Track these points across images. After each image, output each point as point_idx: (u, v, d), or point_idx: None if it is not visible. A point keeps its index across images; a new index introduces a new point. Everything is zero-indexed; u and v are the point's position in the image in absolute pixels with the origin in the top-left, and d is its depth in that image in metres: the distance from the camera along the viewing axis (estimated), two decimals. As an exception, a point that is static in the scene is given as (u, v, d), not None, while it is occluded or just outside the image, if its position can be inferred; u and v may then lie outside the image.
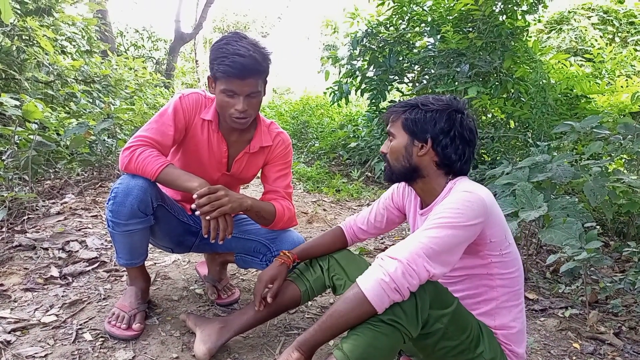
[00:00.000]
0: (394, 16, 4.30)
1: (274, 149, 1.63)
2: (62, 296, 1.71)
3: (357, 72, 4.56)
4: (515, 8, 3.71)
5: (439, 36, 3.89)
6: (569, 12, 6.98)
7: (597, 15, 6.81)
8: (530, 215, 1.92)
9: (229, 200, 1.35)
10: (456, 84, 3.67)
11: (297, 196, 3.99)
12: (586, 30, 6.57)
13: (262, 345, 1.54)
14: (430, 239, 1.06)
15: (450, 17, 3.95)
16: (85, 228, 2.42)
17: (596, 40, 6.28)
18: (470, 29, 3.86)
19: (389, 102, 4.64)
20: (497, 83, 3.89)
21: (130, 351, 1.41)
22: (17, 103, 2.75)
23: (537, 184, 2.20)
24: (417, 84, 4.51)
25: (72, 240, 2.19)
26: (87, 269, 1.95)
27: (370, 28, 4.39)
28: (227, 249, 1.72)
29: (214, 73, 1.40)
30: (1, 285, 1.74)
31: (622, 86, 3.77)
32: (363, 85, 4.57)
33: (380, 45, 4.35)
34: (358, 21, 4.51)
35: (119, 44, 10.84)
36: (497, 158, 3.72)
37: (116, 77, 5.07)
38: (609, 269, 2.53)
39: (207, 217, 1.32)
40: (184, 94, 1.51)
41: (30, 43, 3.95)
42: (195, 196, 1.32)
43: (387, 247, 2.71)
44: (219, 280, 1.83)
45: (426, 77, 4.39)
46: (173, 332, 1.55)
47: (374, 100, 4.57)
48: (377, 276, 1.02)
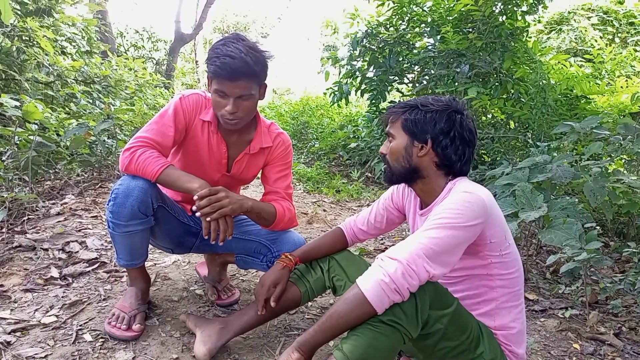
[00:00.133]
0: (393, 17, 4.30)
1: (274, 150, 1.63)
2: (62, 297, 1.71)
3: (357, 73, 4.56)
4: (515, 9, 3.70)
5: (438, 37, 3.89)
6: (569, 12, 6.99)
7: (597, 15, 6.82)
8: (530, 215, 1.92)
9: (229, 201, 1.35)
10: (456, 84, 3.67)
11: (297, 197, 3.99)
12: (586, 30, 6.58)
13: (262, 346, 1.54)
14: (430, 240, 1.06)
15: (450, 18, 3.95)
16: (85, 229, 2.42)
17: (596, 41, 6.28)
18: (470, 30, 3.86)
19: (388, 102, 4.64)
20: (497, 83, 3.90)
21: (130, 352, 1.41)
22: (17, 104, 2.75)
23: (537, 185, 2.20)
24: (417, 85, 4.51)
25: (72, 241, 2.19)
26: (87, 269, 1.95)
27: (370, 28, 4.39)
28: (228, 249, 1.72)
29: (207, 72, 1.41)
30: (1, 286, 1.74)
31: (622, 87, 3.77)
32: (363, 86, 4.57)
33: (380, 45, 4.35)
34: (358, 22, 4.51)
35: (119, 45, 10.85)
36: (497, 158, 3.72)
37: (116, 77, 5.07)
38: (609, 270, 2.53)
39: (208, 218, 1.32)
40: (184, 95, 1.51)
41: (31, 44, 3.95)
42: (195, 197, 1.32)
43: (387, 248, 2.70)
44: (219, 281, 1.83)
45: (426, 77, 4.39)
46: (173, 332, 1.55)
47: (374, 101, 4.57)
48: (377, 277, 1.02)
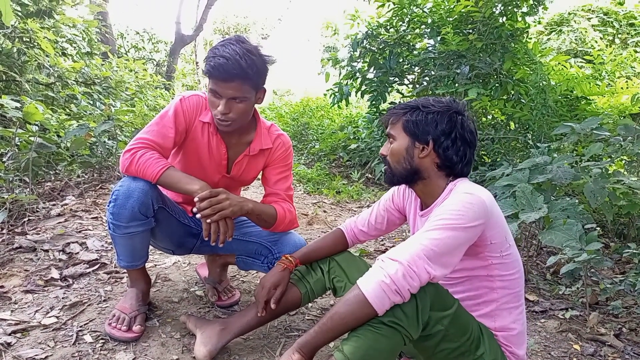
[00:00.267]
0: (394, 18, 4.31)
1: (274, 152, 1.63)
2: (63, 298, 1.71)
3: (358, 74, 4.56)
4: (515, 10, 3.71)
5: (439, 38, 3.89)
6: (569, 13, 7.00)
7: (597, 16, 6.83)
8: (530, 216, 1.92)
9: (229, 203, 1.35)
10: (456, 85, 3.67)
11: (298, 198, 3.99)
12: (586, 31, 6.58)
13: (262, 347, 1.54)
14: (430, 241, 1.06)
15: (451, 19, 3.95)
16: (86, 230, 2.42)
17: (596, 42, 6.29)
18: (471, 31, 3.86)
19: (389, 103, 4.65)
20: (497, 85, 3.90)
21: (130, 353, 1.41)
22: (18, 105, 2.76)
23: (537, 186, 2.20)
24: (417, 86, 4.52)
25: (73, 242, 2.20)
26: (88, 270, 1.95)
27: (371, 30, 4.39)
28: (228, 251, 1.73)
29: (203, 70, 1.41)
30: (1, 287, 1.74)
31: (622, 88, 3.78)
32: (363, 87, 4.57)
33: (381, 46, 4.35)
34: (358, 23, 4.51)
35: (120, 46, 10.86)
36: (497, 159, 3.72)
37: (117, 78, 5.08)
38: (609, 271, 2.53)
39: (208, 220, 1.33)
40: (185, 96, 1.51)
41: (31, 45, 3.96)
42: (196, 199, 1.32)
43: (387, 249, 2.70)
44: (220, 282, 1.83)
45: (426, 78, 4.39)
46: (173, 333, 1.55)
47: (374, 102, 4.57)
48: (377, 278, 1.02)
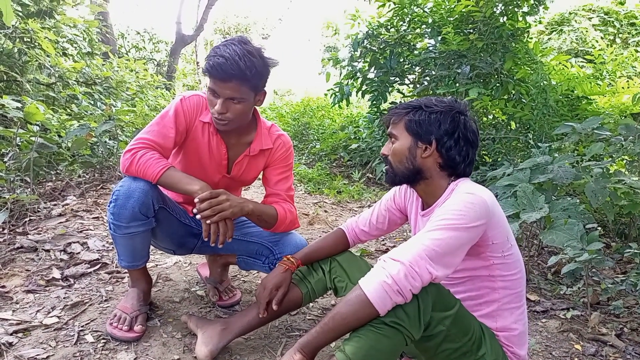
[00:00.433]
0: (394, 18, 4.31)
1: (275, 152, 1.63)
2: (64, 298, 1.71)
3: (358, 74, 4.56)
4: (516, 9, 3.71)
5: (439, 37, 3.89)
6: (570, 13, 7.00)
7: (597, 16, 6.82)
8: (531, 216, 1.92)
9: (230, 204, 1.35)
10: (457, 85, 3.67)
11: (298, 198, 3.99)
12: (587, 31, 6.58)
13: (263, 347, 1.54)
14: (432, 241, 1.06)
15: (451, 19, 3.95)
16: (87, 230, 2.42)
17: (597, 42, 6.29)
18: (471, 31, 3.86)
19: (389, 103, 4.64)
20: (498, 84, 3.90)
21: (131, 353, 1.41)
22: (19, 105, 2.76)
23: (538, 186, 2.20)
24: (418, 86, 4.51)
25: (74, 242, 2.20)
26: (89, 270, 1.96)
27: (371, 29, 4.39)
28: (230, 251, 1.72)
29: (202, 69, 1.41)
30: (3, 287, 1.74)
31: (623, 87, 3.78)
32: (364, 87, 4.57)
33: (381, 46, 4.35)
34: (359, 23, 4.51)
35: (120, 46, 10.86)
36: (498, 159, 3.72)
37: (117, 79, 5.08)
38: (610, 270, 2.53)
39: (208, 221, 1.33)
40: (185, 96, 1.51)
41: (32, 45, 3.96)
42: (196, 200, 1.32)
43: (388, 249, 2.70)
44: (221, 282, 1.84)
45: (427, 78, 4.39)
46: (174, 333, 1.55)
47: (374, 102, 4.57)
48: (379, 278, 1.02)
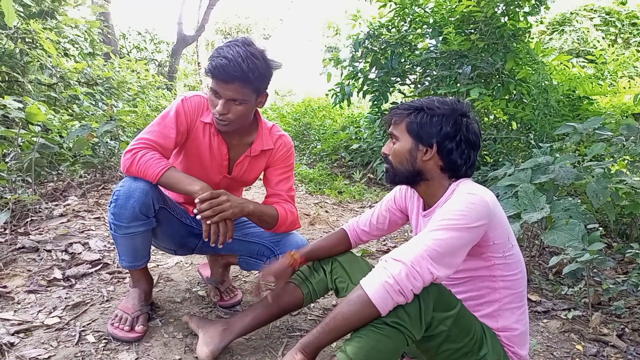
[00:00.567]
0: (395, 18, 4.30)
1: (276, 152, 1.63)
2: (65, 298, 1.71)
3: (359, 74, 4.56)
4: (517, 9, 3.70)
5: (441, 38, 3.89)
6: (571, 13, 6.99)
7: (599, 16, 6.81)
8: (532, 216, 1.91)
9: (230, 205, 1.35)
10: (458, 85, 3.67)
11: (299, 198, 3.99)
12: (588, 31, 6.57)
13: (264, 347, 1.54)
14: (434, 241, 1.06)
15: (452, 19, 3.95)
16: (88, 230, 2.42)
17: (598, 42, 6.28)
18: (472, 31, 3.86)
19: (390, 103, 4.64)
20: (499, 84, 3.89)
21: (133, 353, 1.41)
22: (20, 105, 2.76)
23: (539, 186, 2.20)
24: (419, 86, 4.51)
25: (75, 242, 2.20)
26: (90, 270, 1.96)
27: (372, 30, 4.39)
28: (231, 251, 1.73)
29: (205, 70, 1.41)
30: (4, 287, 1.74)
31: (624, 87, 3.77)
32: (365, 87, 4.57)
33: (382, 47, 4.35)
34: (360, 23, 4.51)
35: (122, 47, 10.88)
36: (500, 160, 3.71)
37: (119, 79, 5.09)
38: (611, 271, 2.52)
39: (208, 221, 1.33)
40: (186, 97, 1.51)
41: (34, 46, 3.97)
42: (197, 200, 1.32)
43: (389, 249, 2.70)
44: (222, 282, 1.84)
45: (428, 78, 4.39)
46: (176, 334, 1.55)
47: (376, 102, 4.57)
48: (381, 279, 1.02)
